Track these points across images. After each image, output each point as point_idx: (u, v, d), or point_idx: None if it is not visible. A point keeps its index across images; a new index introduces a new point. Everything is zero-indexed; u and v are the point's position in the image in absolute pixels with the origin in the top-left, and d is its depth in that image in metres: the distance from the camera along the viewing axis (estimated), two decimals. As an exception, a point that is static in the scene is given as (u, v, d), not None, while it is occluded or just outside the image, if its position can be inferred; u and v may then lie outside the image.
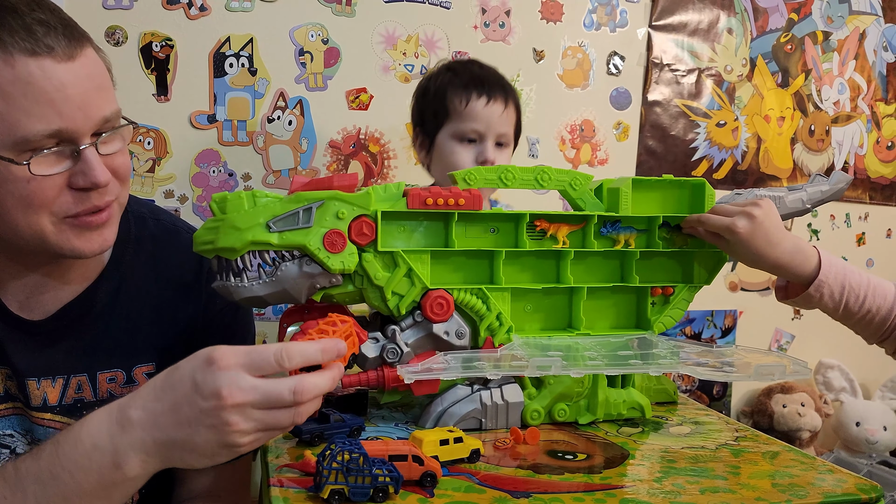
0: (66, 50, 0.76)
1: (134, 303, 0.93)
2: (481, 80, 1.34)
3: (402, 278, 0.85)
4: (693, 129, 2.08)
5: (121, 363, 0.92)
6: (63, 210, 0.79)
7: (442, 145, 1.34)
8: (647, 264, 0.97)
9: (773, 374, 0.83)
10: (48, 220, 0.79)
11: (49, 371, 0.89)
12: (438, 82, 1.37)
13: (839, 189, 1.08)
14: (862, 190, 2.32)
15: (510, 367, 0.83)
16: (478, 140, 1.31)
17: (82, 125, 0.77)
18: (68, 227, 0.80)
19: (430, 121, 1.37)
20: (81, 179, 0.78)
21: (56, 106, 0.75)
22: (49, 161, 0.77)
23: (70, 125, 0.76)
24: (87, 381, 0.91)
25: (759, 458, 0.83)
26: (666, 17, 2.02)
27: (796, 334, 2.29)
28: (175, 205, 1.65)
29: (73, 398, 0.90)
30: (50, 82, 0.75)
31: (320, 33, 1.72)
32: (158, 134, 1.63)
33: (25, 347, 0.88)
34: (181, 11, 1.62)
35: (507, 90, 1.35)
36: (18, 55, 0.74)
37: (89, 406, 0.91)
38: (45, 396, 0.89)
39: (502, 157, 1.34)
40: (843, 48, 2.24)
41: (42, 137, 0.75)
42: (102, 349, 0.91)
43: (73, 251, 0.81)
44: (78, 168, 0.78)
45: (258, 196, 0.82)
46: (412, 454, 0.70)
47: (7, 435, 0.91)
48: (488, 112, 1.30)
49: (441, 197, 0.86)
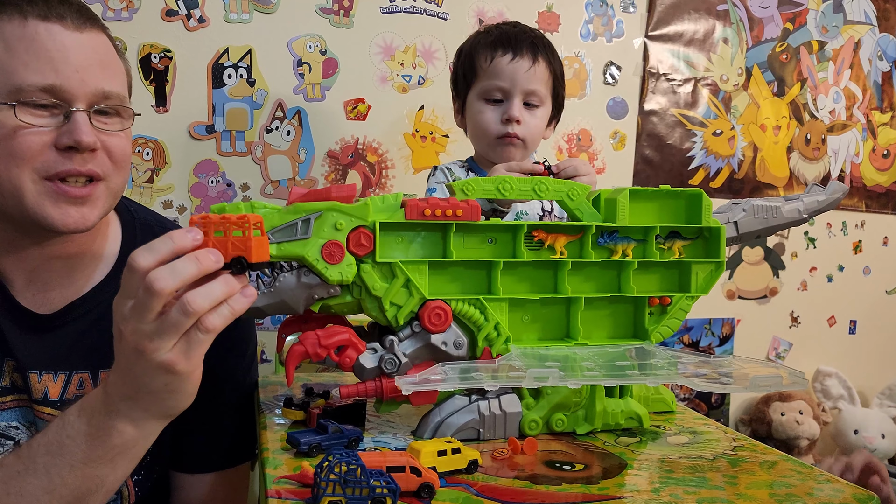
0: (75, 21, 0.82)
1: None
2: (509, 37, 1.31)
3: (399, 289, 0.85)
4: (689, 138, 2.09)
5: None
6: (45, 167, 0.82)
7: (470, 106, 1.33)
8: (645, 274, 0.98)
9: (770, 385, 0.83)
10: (28, 178, 0.81)
11: (51, 365, 0.91)
12: (469, 43, 1.36)
13: (835, 199, 1.08)
14: (858, 198, 2.33)
15: (508, 377, 0.84)
16: (504, 99, 1.29)
17: (77, 88, 0.81)
18: (46, 191, 0.82)
19: (462, 82, 1.36)
20: (66, 137, 0.81)
21: (54, 63, 0.80)
22: (38, 114, 0.81)
23: (64, 83, 0.80)
24: (90, 378, 0.93)
25: (757, 468, 0.83)
26: (662, 27, 2.03)
27: (794, 342, 2.29)
28: (174, 215, 1.66)
29: (75, 394, 0.92)
30: (53, 42, 0.81)
31: (318, 44, 1.73)
32: (157, 144, 1.64)
33: (30, 340, 0.90)
34: (180, 23, 1.63)
35: (537, 47, 1.30)
36: (32, 19, 0.81)
37: None
38: (45, 390, 0.90)
39: (533, 118, 1.30)
40: (838, 57, 2.26)
41: (35, 89, 0.80)
42: (105, 348, 0.91)
43: (45, 220, 0.83)
44: (65, 128, 0.81)
45: (256, 207, 0.82)
46: (409, 465, 0.70)
47: (12, 427, 0.92)
48: (513, 68, 1.27)
49: (439, 208, 0.86)
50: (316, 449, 0.81)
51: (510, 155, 1.32)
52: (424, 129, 1.83)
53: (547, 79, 1.31)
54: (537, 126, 1.31)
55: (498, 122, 1.28)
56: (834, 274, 2.33)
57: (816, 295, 2.31)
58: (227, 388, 1.01)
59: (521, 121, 1.28)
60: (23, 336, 0.90)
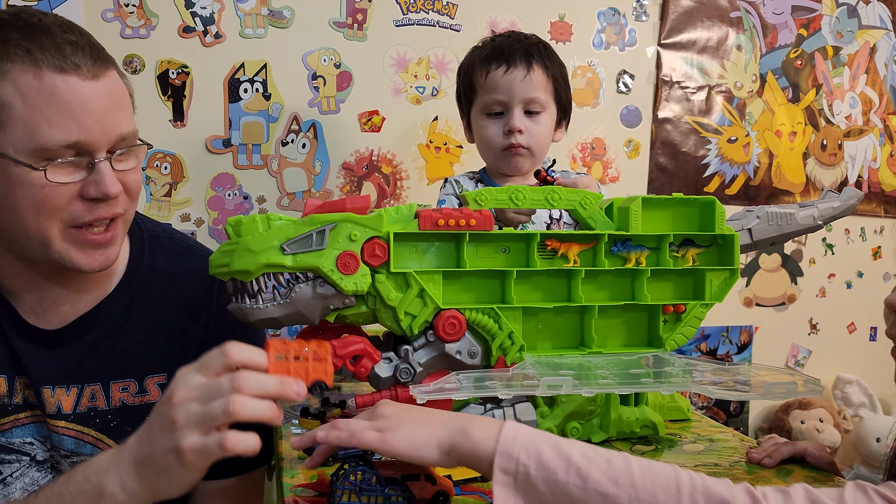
0: (91, 69, 0.82)
1: (146, 316, 0.97)
2: (501, 49, 1.31)
3: (414, 299, 0.86)
4: (704, 145, 2.09)
5: (133, 373, 0.96)
6: (72, 218, 0.83)
7: (475, 122, 1.35)
8: (658, 282, 0.98)
9: (785, 392, 0.82)
10: (56, 227, 0.83)
11: (63, 379, 0.92)
12: (466, 61, 1.38)
13: (851, 205, 1.08)
14: (876, 203, 2.31)
15: (522, 386, 0.84)
16: (504, 111, 1.30)
17: (99, 138, 0.82)
18: (72, 238, 0.84)
19: (464, 100, 1.37)
20: (93, 189, 0.83)
21: (77, 118, 0.80)
22: (65, 170, 0.81)
23: (87, 137, 0.81)
24: (101, 389, 0.94)
25: (773, 476, 0.82)
26: (675, 35, 2.03)
27: (813, 349, 2.27)
28: (191, 228, 1.68)
29: (87, 406, 0.93)
30: (73, 96, 0.80)
31: (332, 58, 1.75)
32: (175, 159, 1.66)
33: (41, 356, 0.92)
34: (196, 39, 1.66)
35: (531, 54, 1.30)
36: (47, 70, 0.80)
37: (102, 415, 0.94)
38: (59, 404, 0.92)
39: (536, 125, 1.30)
40: (853, 62, 2.24)
41: (60, 147, 0.80)
42: (115, 359, 0.95)
43: (72, 263, 0.85)
44: (91, 178, 0.83)
45: (272, 219, 0.84)
46: (425, 473, 0.71)
47: (27, 443, 0.94)
48: (508, 80, 1.28)
49: (452, 218, 0.87)
50: (332, 458, 0.82)
51: (518, 165, 1.33)
52: (438, 140, 1.84)
53: (545, 84, 1.31)
54: (542, 133, 1.31)
55: (500, 134, 1.29)
56: (853, 280, 2.31)
57: (835, 302, 2.29)
58: None
59: (524, 130, 1.29)
60: (34, 352, 0.92)
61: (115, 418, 0.95)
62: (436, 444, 0.65)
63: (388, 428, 0.66)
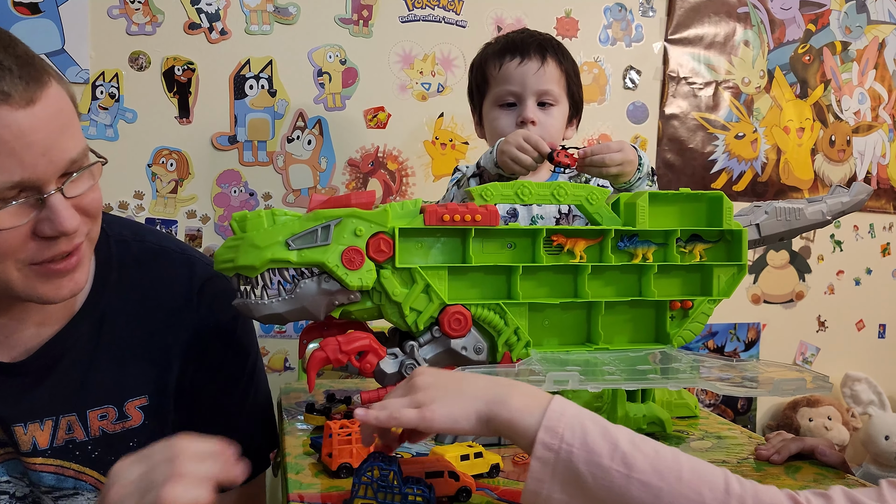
0: (24, 94, 0.70)
1: (121, 333, 0.88)
2: (515, 42, 1.32)
3: (419, 294, 0.86)
4: (711, 141, 2.08)
5: (111, 399, 0.87)
6: (29, 257, 0.75)
7: (487, 115, 1.34)
8: (666, 278, 0.97)
9: (794, 388, 0.82)
10: (13, 268, 0.74)
11: (35, 414, 0.84)
12: (479, 56, 1.38)
13: (860, 200, 1.07)
14: (886, 200, 2.30)
15: (528, 381, 0.83)
16: (518, 103, 1.30)
17: (46, 171, 0.71)
18: (35, 274, 0.76)
19: (476, 94, 1.37)
20: (48, 228, 0.73)
21: (17, 155, 0.69)
22: (12, 212, 0.71)
23: (32, 174, 0.70)
24: (77, 420, 0.86)
25: (782, 473, 0.82)
26: (682, 30, 2.02)
27: (822, 347, 2.26)
28: (197, 225, 1.68)
29: (65, 439, 0.86)
30: (8, 131, 0.69)
31: (338, 54, 1.75)
32: (181, 155, 1.66)
33: (7, 392, 0.83)
34: (202, 36, 1.66)
35: (545, 48, 1.31)
36: None
37: (82, 446, 0.87)
38: (34, 441, 0.84)
39: (549, 118, 1.30)
40: (862, 58, 2.23)
41: (4, 189, 0.70)
42: (90, 386, 0.86)
43: (41, 298, 0.77)
44: (44, 215, 0.73)
45: (277, 214, 0.83)
46: (448, 470, 0.70)
47: (3, 481, 0.87)
48: (522, 71, 1.28)
49: (458, 213, 0.87)
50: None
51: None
52: (444, 137, 1.84)
53: (559, 78, 1.31)
54: (554, 126, 1.30)
55: (513, 125, 1.28)
56: (862, 277, 2.29)
57: (844, 299, 2.27)
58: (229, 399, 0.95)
59: (537, 121, 1.28)
60: (1, 389, 0.83)
61: (97, 448, 0.87)
62: (474, 414, 0.63)
63: (425, 402, 0.64)
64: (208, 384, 0.93)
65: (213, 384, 0.93)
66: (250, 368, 0.98)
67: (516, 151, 1.13)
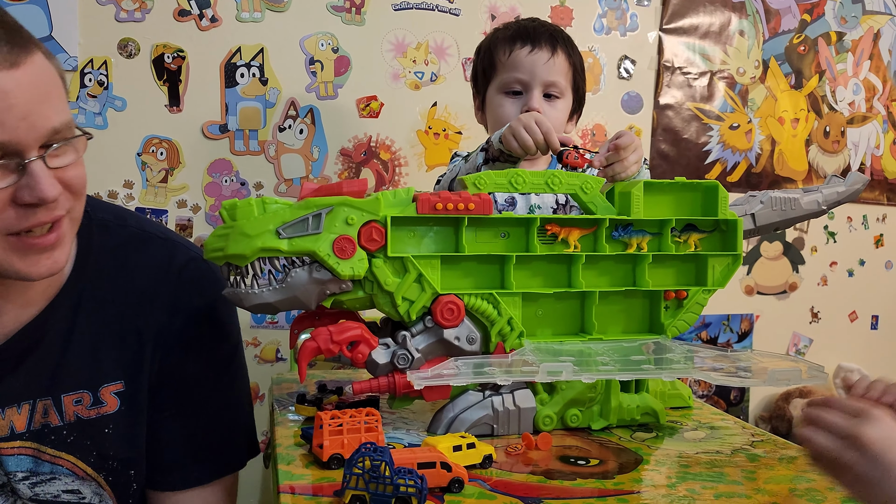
0: (7, 57, 0.70)
1: (97, 318, 0.87)
2: (527, 30, 1.31)
3: (412, 284, 0.85)
4: (706, 132, 2.07)
5: (86, 384, 0.86)
6: (7, 227, 0.73)
7: (490, 100, 1.33)
8: (660, 268, 0.96)
9: (789, 379, 0.81)
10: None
11: (12, 399, 0.83)
12: (488, 39, 1.36)
13: (855, 190, 1.06)
14: (879, 191, 2.30)
15: (521, 372, 0.83)
16: (524, 91, 1.28)
17: (26, 136, 0.71)
18: (12, 247, 0.75)
19: (481, 78, 1.36)
20: (27, 194, 0.72)
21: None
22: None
23: (12, 137, 0.70)
24: (52, 404, 0.85)
25: (776, 463, 0.81)
26: (677, 20, 2.01)
27: (814, 338, 2.26)
28: (188, 214, 1.66)
29: (41, 423, 0.85)
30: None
31: (330, 42, 1.73)
32: (171, 144, 1.64)
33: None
34: (192, 23, 1.63)
35: (556, 39, 1.30)
36: None
37: (57, 431, 0.85)
38: (11, 425, 0.84)
39: (553, 110, 1.28)
40: (857, 48, 2.22)
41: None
42: (65, 370, 0.85)
43: (17, 274, 0.76)
44: (24, 182, 0.72)
45: (268, 203, 0.82)
46: (440, 461, 0.70)
47: None
48: (531, 60, 1.27)
49: (451, 202, 0.86)
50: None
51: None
52: (437, 126, 1.82)
53: (566, 71, 1.30)
54: (558, 118, 1.29)
55: (518, 114, 1.27)
56: (855, 269, 2.29)
57: (837, 290, 2.28)
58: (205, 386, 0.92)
59: (542, 112, 1.27)
60: None
61: (72, 434, 0.86)
62: None
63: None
64: (185, 368, 0.90)
65: (189, 369, 0.91)
66: (228, 355, 0.96)
67: (522, 130, 1.11)
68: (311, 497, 0.69)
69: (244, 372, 0.99)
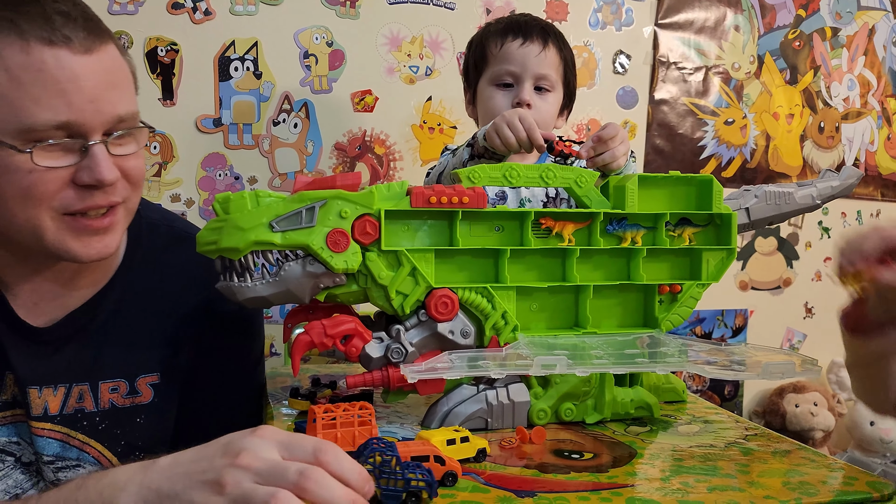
0: (83, 42, 0.75)
1: (139, 312, 0.91)
2: (519, 23, 1.31)
3: (406, 277, 0.85)
4: (701, 127, 2.07)
5: (124, 373, 0.90)
6: (64, 206, 0.77)
7: (481, 93, 1.33)
8: (654, 262, 0.96)
9: (783, 372, 0.81)
10: (47, 216, 0.77)
11: (51, 379, 0.87)
12: (479, 33, 1.37)
13: (850, 184, 1.06)
14: (873, 187, 2.30)
15: (515, 366, 0.83)
16: (515, 83, 1.28)
17: (92, 119, 0.76)
18: (67, 226, 0.78)
19: (472, 71, 1.36)
20: (87, 175, 0.76)
21: (67, 96, 0.74)
22: (54, 153, 0.75)
23: (79, 117, 0.75)
24: (89, 390, 0.89)
25: (770, 457, 0.81)
26: (672, 14, 2.01)
27: (809, 333, 2.27)
28: (181, 208, 1.66)
29: (74, 408, 0.88)
30: (63, 72, 0.74)
31: (325, 36, 1.72)
32: (164, 138, 1.64)
33: (29, 354, 0.86)
34: (186, 16, 1.62)
35: (548, 33, 1.30)
36: (35, 43, 0.73)
37: (90, 417, 0.89)
38: (45, 405, 0.87)
39: (544, 103, 1.28)
40: (852, 44, 2.22)
41: (49, 127, 0.74)
42: (106, 358, 0.89)
43: (68, 253, 0.79)
44: (84, 163, 0.76)
45: (261, 196, 0.82)
46: (434, 455, 0.70)
47: (13, 443, 0.89)
48: (523, 53, 1.27)
49: (445, 195, 0.85)
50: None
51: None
52: (432, 121, 1.82)
53: (557, 65, 1.30)
54: (548, 111, 1.29)
55: (508, 106, 1.26)
56: (849, 264, 2.30)
57: (831, 286, 2.27)
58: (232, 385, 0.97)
59: (533, 105, 1.27)
60: (23, 350, 0.86)
61: (104, 421, 0.90)
62: None
63: None
64: (216, 369, 0.95)
65: (219, 369, 0.95)
66: (256, 357, 1.01)
67: (505, 128, 1.11)
68: (305, 491, 0.68)
69: (264, 373, 1.04)
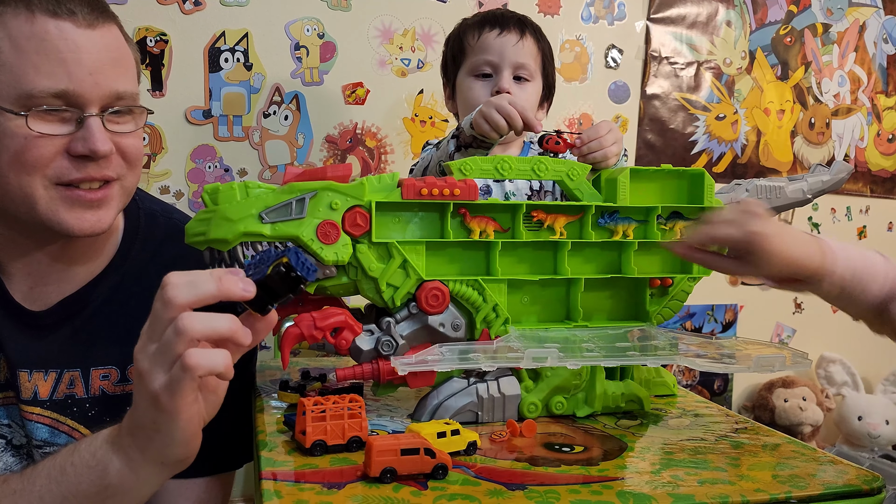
0: (87, 17, 0.78)
1: (133, 301, 0.90)
2: (495, 15, 1.32)
3: (396, 270, 0.84)
4: (692, 122, 2.07)
5: (116, 360, 0.90)
6: (57, 175, 0.78)
7: (461, 85, 1.32)
8: (646, 255, 0.96)
9: (773, 365, 0.81)
10: (40, 184, 0.78)
11: (42, 364, 0.87)
12: (457, 28, 1.37)
13: (840, 179, 1.06)
14: (863, 183, 2.31)
15: (506, 358, 0.82)
16: (494, 73, 1.28)
17: (90, 91, 0.77)
18: (60, 197, 0.79)
19: (451, 65, 1.36)
20: (80, 145, 0.78)
21: (66, 66, 0.76)
22: (51, 121, 0.77)
23: (77, 88, 0.76)
24: (80, 376, 0.89)
25: (760, 450, 0.81)
26: (664, 9, 2.01)
27: (797, 328, 2.28)
28: (171, 200, 1.64)
29: (65, 393, 0.88)
30: (65, 42, 0.76)
31: (316, 27, 1.71)
32: (154, 130, 1.62)
33: (22, 337, 0.87)
34: (175, 6, 1.61)
35: (524, 24, 1.31)
36: (40, 14, 0.76)
37: (80, 403, 0.89)
38: (35, 389, 0.87)
39: (523, 92, 1.28)
40: (843, 40, 2.23)
41: (47, 95, 0.76)
42: (98, 344, 0.89)
43: (60, 225, 0.80)
44: (79, 134, 0.78)
45: (251, 187, 0.81)
46: (424, 447, 0.69)
47: (4, 425, 0.89)
48: (501, 42, 1.27)
49: (436, 187, 0.85)
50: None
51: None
52: (424, 114, 1.81)
53: (535, 54, 1.30)
54: (528, 101, 1.29)
55: (488, 96, 1.26)
56: (838, 259, 2.31)
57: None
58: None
59: (512, 94, 1.26)
60: (16, 333, 0.87)
61: (94, 407, 0.90)
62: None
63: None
64: None
65: None
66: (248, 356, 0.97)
67: (494, 112, 1.10)
68: (294, 483, 0.68)
69: (254, 368, 1.04)
